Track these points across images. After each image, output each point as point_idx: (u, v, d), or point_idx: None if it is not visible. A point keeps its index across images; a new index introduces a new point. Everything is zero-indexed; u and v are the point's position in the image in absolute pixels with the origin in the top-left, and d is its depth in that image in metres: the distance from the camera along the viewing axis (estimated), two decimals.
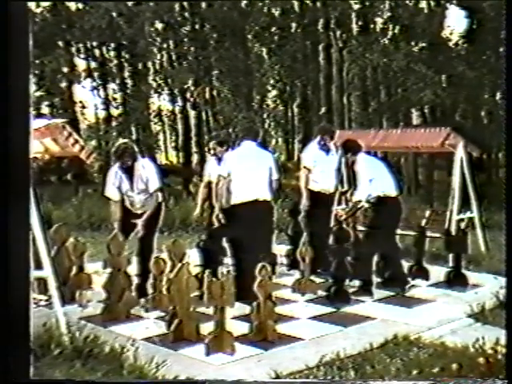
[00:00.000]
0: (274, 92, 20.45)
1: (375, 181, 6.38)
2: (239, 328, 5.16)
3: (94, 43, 17.54)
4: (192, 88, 17.87)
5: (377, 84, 17.67)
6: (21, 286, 3.52)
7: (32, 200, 3.72)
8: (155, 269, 6.04)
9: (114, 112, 18.10)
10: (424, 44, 16.54)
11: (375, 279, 6.86)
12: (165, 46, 17.81)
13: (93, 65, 17.99)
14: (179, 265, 5.23)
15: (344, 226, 6.44)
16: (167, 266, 5.97)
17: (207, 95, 18.12)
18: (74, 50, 17.63)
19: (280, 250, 7.82)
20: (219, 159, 6.89)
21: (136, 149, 6.40)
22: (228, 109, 17.51)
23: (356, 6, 17.17)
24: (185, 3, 16.89)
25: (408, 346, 4.92)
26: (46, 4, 16.81)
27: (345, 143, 6.77)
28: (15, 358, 3.46)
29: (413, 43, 16.66)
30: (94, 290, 6.52)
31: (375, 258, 6.96)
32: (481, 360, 4.09)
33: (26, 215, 3.57)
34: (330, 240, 6.39)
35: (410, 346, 4.93)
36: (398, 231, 7.65)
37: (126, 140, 6.91)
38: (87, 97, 18.57)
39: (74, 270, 6.53)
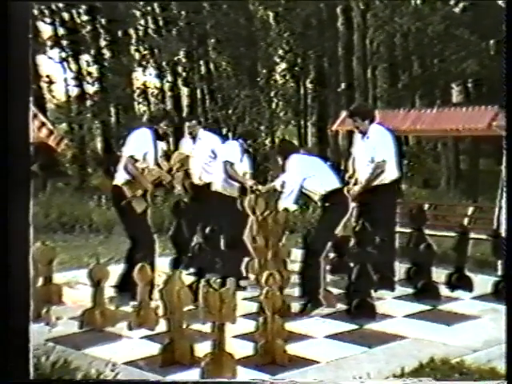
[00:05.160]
0: (283, 65, 20.44)
1: (311, 180, 6.59)
2: (242, 349, 5.15)
3: (61, 4, 17.54)
4: (184, 60, 17.89)
5: (408, 54, 17.66)
6: (20, 285, 3.86)
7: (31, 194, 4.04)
8: (140, 278, 6.04)
9: (89, 89, 18.13)
10: (466, 3, 16.49)
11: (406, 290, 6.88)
12: (149, 8, 17.82)
13: (61, 31, 17.99)
14: (170, 273, 5.24)
15: (368, 226, 6.46)
16: (155, 274, 6.01)
17: (202, 69, 18.13)
18: (36, 12, 17.62)
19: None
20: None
21: None
22: (227, 85, 17.52)
23: None
24: None
25: (448, 372, 4.92)
26: None
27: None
28: (15, 359, 3.84)
29: (452, 2, 16.62)
30: (65, 304, 6.55)
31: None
32: None
33: (25, 213, 3.89)
34: (351, 242, 6.41)
35: (451, 371, 4.93)
36: (433, 232, 7.68)
37: None
38: (55, 70, 18.60)
39: (41, 280, 6.55)
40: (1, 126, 3.82)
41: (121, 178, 6.76)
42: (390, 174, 7.20)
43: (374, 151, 7.10)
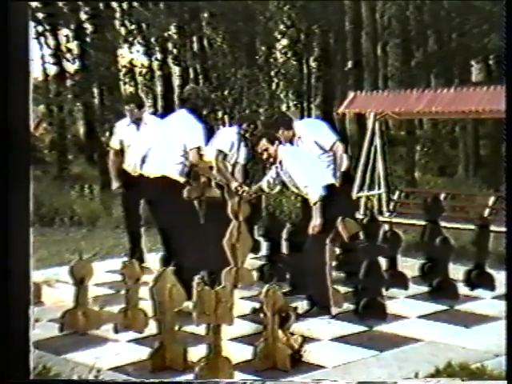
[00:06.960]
0: (284, 41, 20.41)
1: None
2: (239, 353, 5.18)
3: None
4: (174, 36, 17.85)
5: (423, 28, 17.60)
6: (20, 283, 4.10)
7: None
8: (127, 275, 6.06)
9: (69, 67, 18.08)
10: None
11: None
12: None
13: (36, 3, 17.91)
14: (161, 269, 5.25)
15: (379, 217, 6.49)
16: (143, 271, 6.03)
17: (195, 46, 18.09)
18: None
19: None
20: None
21: None
22: (223, 64, 17.49)
23: None
24: None
25: (468, 378, 4.93)
26: None
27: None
28: (15, 358, 4.08)
29: None
30: (44, 305, 6.58)
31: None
32: None
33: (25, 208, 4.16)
34: (360, 236, 6.42)
35: (472, 377, 4.95)
36: (450, 224, 7.69)
37: None
38: (31, 46, 18.56)
39: None
40: (1, 126, 4.06)
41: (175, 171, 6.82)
42: None
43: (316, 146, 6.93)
